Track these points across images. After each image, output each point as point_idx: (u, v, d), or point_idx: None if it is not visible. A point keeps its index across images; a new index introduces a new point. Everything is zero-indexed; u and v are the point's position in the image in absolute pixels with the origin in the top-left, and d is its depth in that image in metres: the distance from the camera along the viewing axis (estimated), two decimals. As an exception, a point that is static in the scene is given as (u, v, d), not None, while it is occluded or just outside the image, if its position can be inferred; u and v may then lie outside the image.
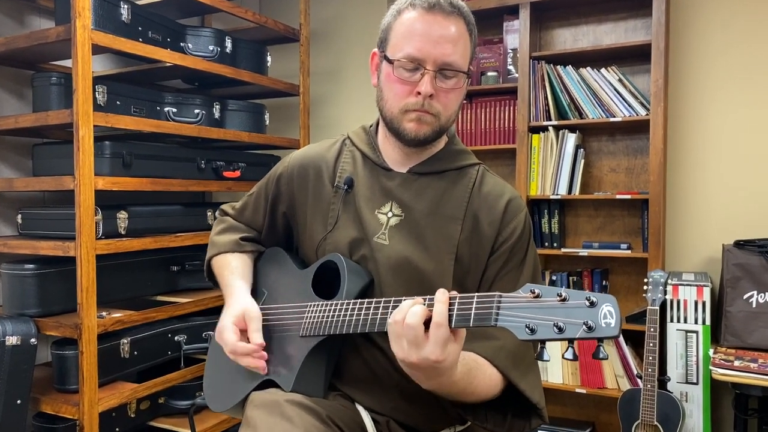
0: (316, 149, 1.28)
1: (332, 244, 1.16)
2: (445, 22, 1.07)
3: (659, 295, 2.34)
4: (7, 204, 2.40)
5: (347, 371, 1.15)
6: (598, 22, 2.90)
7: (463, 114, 3.07)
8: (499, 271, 1.13)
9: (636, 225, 2.83)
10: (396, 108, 1.11)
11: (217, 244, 1.32)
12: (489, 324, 0.83)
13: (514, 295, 0.83)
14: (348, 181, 1.19)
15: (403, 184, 1.17)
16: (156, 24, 2.37)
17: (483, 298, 0.85)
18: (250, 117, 2.79)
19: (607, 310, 0.75)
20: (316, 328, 1.06)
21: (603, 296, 0.76)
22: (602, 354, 0.78)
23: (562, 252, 2.81)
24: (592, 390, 2.73)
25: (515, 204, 1.16)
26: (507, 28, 3.00)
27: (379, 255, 1.12)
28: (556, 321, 0.76)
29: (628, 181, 2.87)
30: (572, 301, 0.77)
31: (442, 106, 1.10)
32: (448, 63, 1.08)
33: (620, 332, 0.74)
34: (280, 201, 1.29)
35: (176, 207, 2.48)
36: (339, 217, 1.18)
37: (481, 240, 1.13)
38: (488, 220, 1.14)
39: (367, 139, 1.24)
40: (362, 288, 1.10)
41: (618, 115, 2.69)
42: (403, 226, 1.14)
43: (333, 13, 3.43)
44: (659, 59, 2.55)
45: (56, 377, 2.13)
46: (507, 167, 3.11)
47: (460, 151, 1.22)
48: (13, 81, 2.40)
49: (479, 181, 1.18)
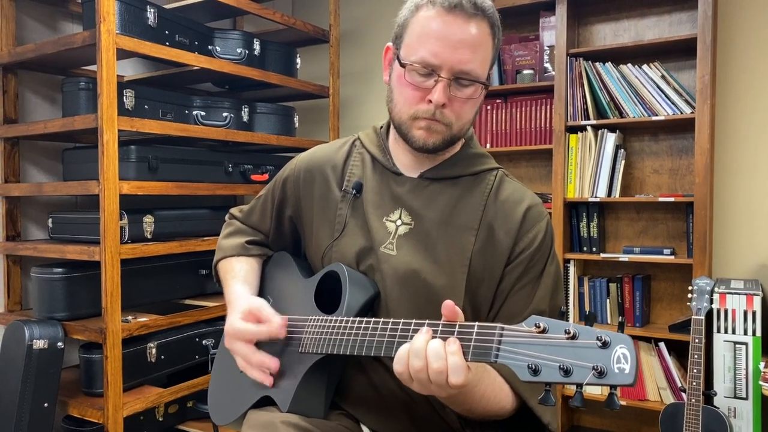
0: (324, 151, 1.21)
1: (339, 253, 1.10)
2: (466, 25, 0.98)
3: (705, 304, 2.21)
4: (41, 207, 2.44)
5: (351, 390, 1.08)
6: (641, 16, 2.77)
7: (497, 114, 2.98)
8: (515, 284, 1.04)
9: (680, 229, 2.69)
10: (405, 114, 1.03)
11: (223, 248, 1.28)
12: (488, 360, 0.75)
13: (517, 329, 0.75)
14: (357, 185, 1.12)
15: (413, 191, 1.09)
16: (183, 27, 2.36)
17: (484, 329, 0.78)
18: (279, 119, 2.77)
19: (621, 353, 0.66)
20: (314, 346, 1.00)
21: (617, 336, 0.67)
22: (616, 404, 0.68)
23: (601, 257, 2.69)
24: (633, 402, 2.61)
25: (535, 211, 1.07)
26: (543, 25, 2.90)
27: (386, 266, 1.05)
28: (563, 362, 0.68)
29: (672, 183, 2.73)
30: (582, 339, 0.69)
31: (455, 115, 1.02)
32: (466, 71, 0.99)
33: (636, 380, 0.66)
34: (287, 205, 1.23)
35: (204, 211, 2.47)
36: (347, 224, 1.11)
37: (496, 251, 1.05)
38: (504, 229, 1.05)
39: (377, 141, 1.17)
40: (366, 301, 1.02)
41: (661, 114, 2.55)
42: (412, 235, 1.06)
43: (364, 13, 3.38)
44: (705, 54, 2.41)
45: (83, 380, 2.14)
46: (543, 168, 3.00)
47: (477, 155, 1.13)
48: (46, 86, 2.44)
49: (496, 188, 1.09)
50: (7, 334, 2.07)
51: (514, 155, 3.08)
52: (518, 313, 1.02)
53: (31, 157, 2.41)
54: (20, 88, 2.35)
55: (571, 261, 2.76)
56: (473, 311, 1.05)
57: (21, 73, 2.34)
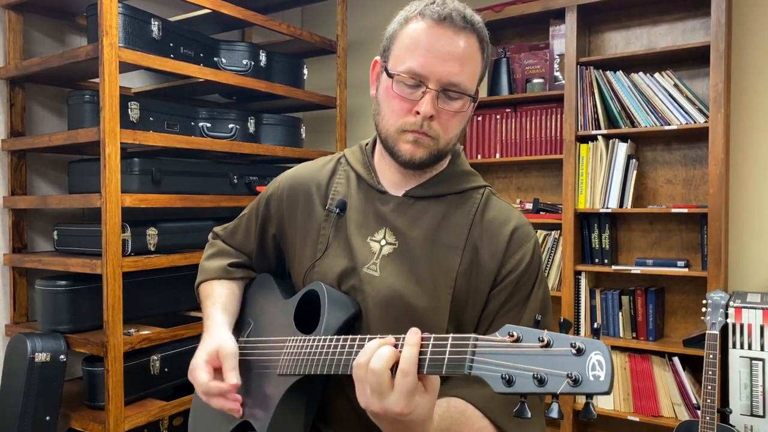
0: (308, 168, 1.19)
1: (320, 273, 1.06)
2: (455, 38, 0.96)
3: (719, 319, 2.14)
4: (48, 219, 2.45)
5: (332, 412, 1.05)
6: (653, 24, 2.72)
7: (507, 123, 2.94)
8: (501, 307, 1.00)
9: (695, 241, 2.62)
10: (392, 126, 1.00)
11: (206, 270, 1.24)
12: (462, 371, 0.72)
13: (490, 338, 0.72)
14: (340, 204, 1.09)
15: (397, 209, 1.06)
16: (188, 40, 2.36)
17: (458, 340, 0.75)
18: (285, 130, 2.76)
19: (597, 360, 0.63)
20: (292, 367, 0.97)
21: (592, 342, 0.64)
22: (592, 413, 0.65)
23: (613, 269, 2.63)
24: (646, 418, 2.54)
25: (522, 232, 1.03)
26: (553, 33, 2.86)
27: (368, 288, 1.01)
28: (537, 371, 0.65)
29: (685, 194, 2.66)
30: (556, 347, 0.66)
31: (442, 129, 0.99)
32: (454, 83, 0.96)
33: (611, 388, 0.63)
34: (270, 224, 1.20)
35: (208, 222, 2.47)
36: (329, 244, 1.07)
37: (481, 273, 1.01)
38: (490, 250, 1.01)
39: (362, 159, 1.14)
40: (345, 321, 0.99)
41: (673, 123, 2.49)
42: (396, 256, 1.03)
43: (371, 24, 3.36)
44: (719, 62, 2.35)
45: (86, 393, 2.14)
46: (554, 178, 2.95)
47: (464, 173, 1.10)
48: (54, 99, 2.46)
49: (483, 206, 1.06)
50: (10, 347, 2.07)
51: (524, 165, 3.03)
52: None
53: (38, 169, 2.43)
54: (28, 102, 2.37)
55: (583, 273, 2.70)
56: (458, 333, 1.01)
57: (28, 86, 2.36)
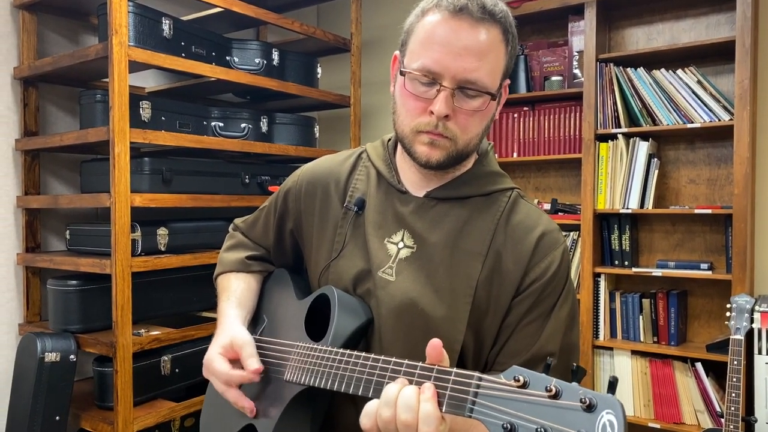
0: (328, 163, 1.13)
1: (336, 274, 1.02)
2: (473, 30, 0.88)
3: (744, 324, 2.06)
4: (62, 218, 2.45)
5: (340, 422, 1.00)
6: (676, 19, 2.63)
7: (525, 122, 2.88)
8: (522, 318, 0.94)
9: (719, 242, 2.53)
10: (408, 126, 0.94)
11: (224, 262, 1.22)
12: (462, 413, 0.67)
13: (495, 380, 0.66)
14: (359, 202, 1.03)
15: (417, 211, 0.99)
16: (200, 38, 2.35)
17: (460, 377, 0.70)
18: (298, 130, 2.73)
19: (608, 420, 0.57)
20: (298, 375, 0.93)
21: (604, 399, 0.58)
22: None
23: (634, 272, 2.56)
24: (668, 425, 2.46)
25: (550, 239, 0.96)
26: (572, 29, 2.80)
27: (382, 293, 0.96)
28: (542, 425, 0.60)
29: (710, 194, 2.58)
30: (564, 399, 0.60)
31: (459, 129, 0.92)
32: (471, 80, 0.89)
33: None
34: (288, 218, 1.16)
35: (219, 223, 2.45)
36: (346, 244, 1.02)
37: (503, 281, 0.94)
38: (514, 257, 0.94)
39: (383, 155, 1.08)
40: (356, 329, 0.94)
41: (697, 121, 2.41)
42: (413, 260, 0.97)
43: (386, 22, 3.32)
44: (745, 57, 2.27)
45: (97, 393, 2.13)
46: (573, 178, 2.88)
47: (490, 173, 1.02)
48: (67, 99, 2.46)
49: (509, 210, 0.98)
50: (20, 346, 2.07)
51: (543, 165, 2.97)
52: (524, 350, 0.93)
53: (52, 168, 2.43)
54: (41, 101, 2.37)
55: (602, 275, 2.63)
56: (476, 345, 0.96)
57: (42, 86, 2.36)
